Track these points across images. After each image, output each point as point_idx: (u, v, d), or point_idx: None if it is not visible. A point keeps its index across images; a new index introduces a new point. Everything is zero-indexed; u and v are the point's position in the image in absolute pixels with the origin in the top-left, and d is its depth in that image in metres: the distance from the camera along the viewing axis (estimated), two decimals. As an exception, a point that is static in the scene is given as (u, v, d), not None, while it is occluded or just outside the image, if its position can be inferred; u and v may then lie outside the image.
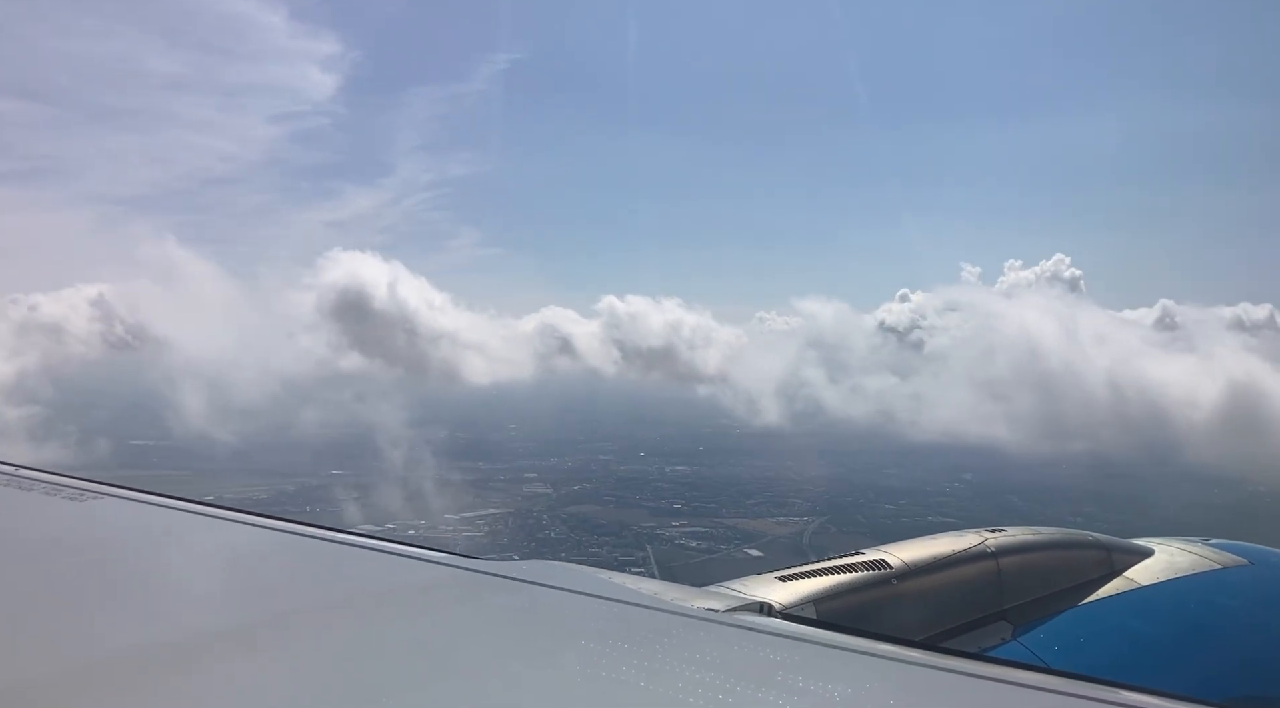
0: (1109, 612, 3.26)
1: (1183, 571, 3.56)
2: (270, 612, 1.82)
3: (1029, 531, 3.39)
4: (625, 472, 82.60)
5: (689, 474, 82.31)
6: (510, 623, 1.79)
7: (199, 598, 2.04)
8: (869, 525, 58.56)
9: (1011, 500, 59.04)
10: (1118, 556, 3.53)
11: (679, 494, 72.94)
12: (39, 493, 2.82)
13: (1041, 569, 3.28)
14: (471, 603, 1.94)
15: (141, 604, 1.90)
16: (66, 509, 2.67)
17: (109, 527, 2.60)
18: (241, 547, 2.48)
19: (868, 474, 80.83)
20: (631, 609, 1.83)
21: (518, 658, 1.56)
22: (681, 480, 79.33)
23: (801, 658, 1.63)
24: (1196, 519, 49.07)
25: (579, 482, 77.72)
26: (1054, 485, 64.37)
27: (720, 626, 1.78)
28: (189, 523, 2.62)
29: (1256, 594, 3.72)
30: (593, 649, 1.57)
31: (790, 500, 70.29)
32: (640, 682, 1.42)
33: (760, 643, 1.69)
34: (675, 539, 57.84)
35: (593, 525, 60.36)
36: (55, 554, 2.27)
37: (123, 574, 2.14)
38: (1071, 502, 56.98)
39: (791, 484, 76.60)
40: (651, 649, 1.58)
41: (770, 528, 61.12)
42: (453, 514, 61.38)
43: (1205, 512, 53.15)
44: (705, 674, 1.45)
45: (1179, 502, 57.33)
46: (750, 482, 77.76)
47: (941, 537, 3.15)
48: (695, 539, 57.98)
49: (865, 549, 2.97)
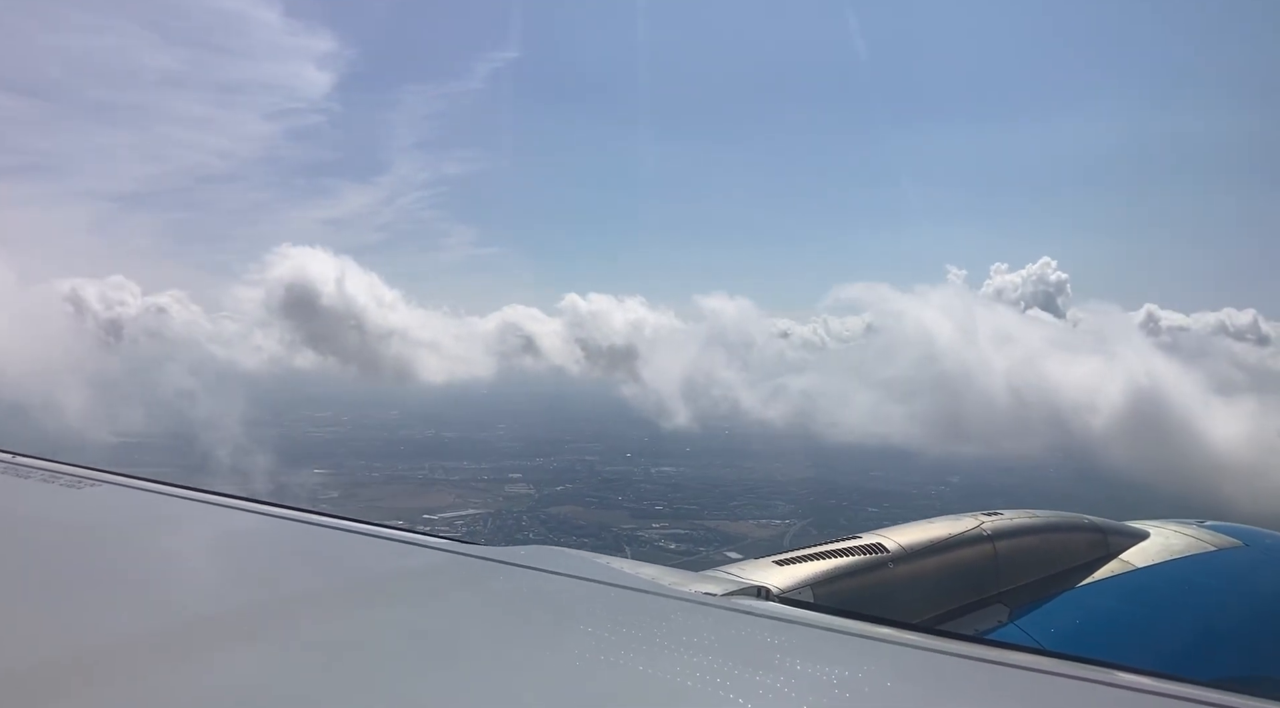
0: (1105, 594, 3.28)
1: (1178, 553, 3.58)
2: (268, 598, 1.82)
3: (1025, 514, 3.39)
4: (610, 472, 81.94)
5: (674, 475, 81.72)
6: (508, 608, 1.80)
7: (199, 585, 2.04)
8: (851, 529, 57.82)
9: (996, 503, 58.53)
10: (1113, 538, 3.53)
11: (662, 496, 72.30)
12: (36, 480, 2.79)
13: (1038, 552, 3.27)
14: (469, 588, 1.93)
15: (141, 591, 1.89)
16: (64, 496, 2.65)
17: (107, 514, 2.58)
18: (240, 534, 2.48)
19: (854, 476, 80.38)
20: (629, 594, 1.84)
21: (516, 643, 1.57)
22: (666, 481, 78.73)
23: (799, 641, 1.63)
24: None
25: (563, 482, 77.00)
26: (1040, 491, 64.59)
27: (718, 609, 1.78)
28: (188, 510, 2.60)
29: (1251, 576, 3.75)
30: (591, 634, 1.57)
31: (773, 502, 69.70)
32: (638, 666, 1.44)
33: (758, 627, 1.69)
34: (655, 541, 57.29)
35: (572, 527, 59.58)
36: (54, 542, 2.26)
37: (122, 562, 2.13)
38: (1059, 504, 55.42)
39: (777, 486, 76.05)
40: (649, 634, 1.59)
41: (752, 530, 60.57)
42: (431, 515, 60.55)
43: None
44: (703, 658, 1.46)
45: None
46: (735, 484, 77.14)
47: (938, 520, 3.16)
48: (675, 541, 57.47)
49: (862, 533, 2.96)
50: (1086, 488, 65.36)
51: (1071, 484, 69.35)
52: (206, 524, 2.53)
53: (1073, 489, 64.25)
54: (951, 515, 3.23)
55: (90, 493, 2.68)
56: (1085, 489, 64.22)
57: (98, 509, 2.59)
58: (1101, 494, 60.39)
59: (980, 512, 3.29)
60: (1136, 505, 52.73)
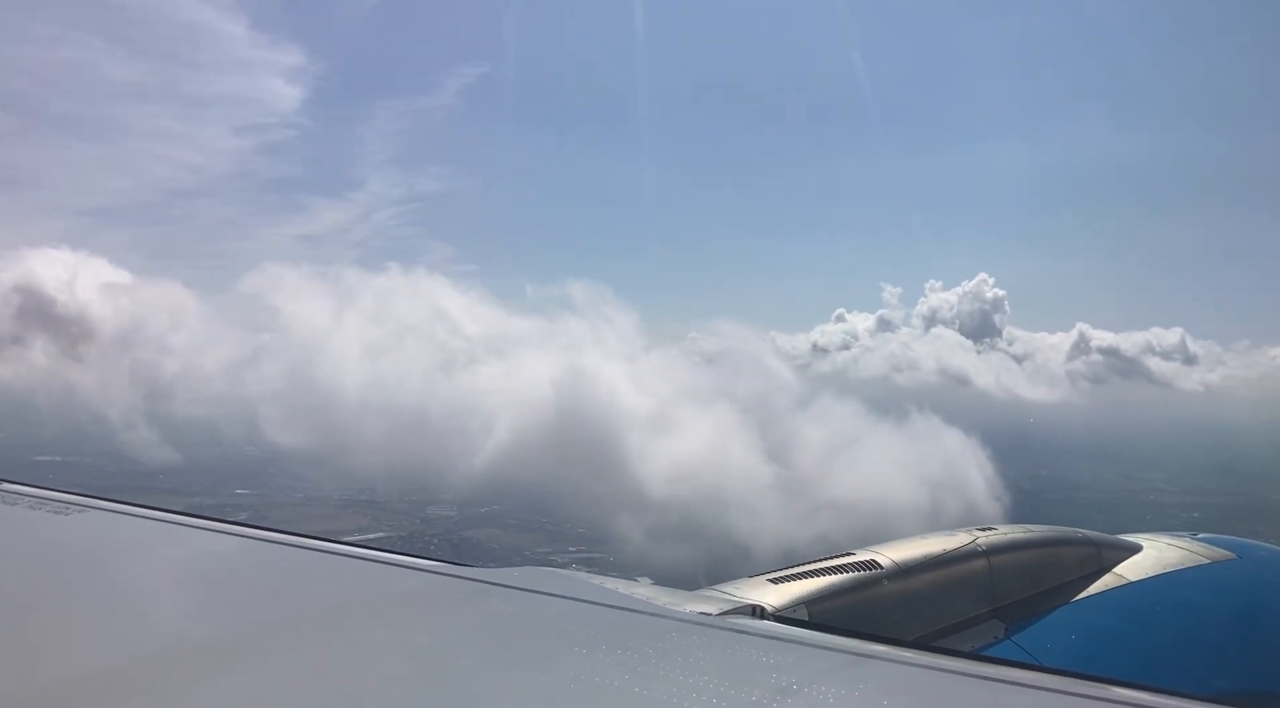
0: (1100, 608, 3.30)
1: (1172, 566, 3.59)
2: (260, 623, 1.82)
3: (1019, 529, 3.42)
4: (547, 492, 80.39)
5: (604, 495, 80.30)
6: (503, 630, 1.81)
7: (189, 610, 2.03)
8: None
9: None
10: (1107, 552, 3.55)
11: (586, 518, 71.01)
12: (23, 507, 2.75)
13: (1032, 567, 3.29)
14: (464, 610, 1.93)
15: (132, 617, 1.90)
16: (52, 523, 2.62)
17: (96, 541, 2.56)
18: (231, 558, 2.46)
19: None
20: (624, 614, 1.85)
21: (511, 665, 1.58)
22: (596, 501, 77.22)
23: (794, 660, 1.64)
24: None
25: (489, 504, 75.44)
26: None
27: (713, 629, 1.79)
28: (178, 536, 2.60)
29: (1245, 588, 3.76)
30: (586, 655, 1.59)
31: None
32: (634, 687, 1.44)
33: (753, 646, 1.70)
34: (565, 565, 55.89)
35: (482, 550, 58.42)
36: (41, 569, 2.24)
37: (111, 588, 2.13)
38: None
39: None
40: (645, 654, 1.60)
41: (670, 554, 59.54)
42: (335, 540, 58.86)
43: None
44: (699, 678, 1.47)
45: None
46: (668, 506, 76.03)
47: (932, 536, 3.17)
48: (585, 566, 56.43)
49: (856, 550, 2.97)
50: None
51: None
52: (196, 550, 2.52)
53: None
54: (946, 531, 3.25)
55: (78, 520, 2.65)
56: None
57: (86, 536, 2.57)
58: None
59: (974, 527, 3.30)
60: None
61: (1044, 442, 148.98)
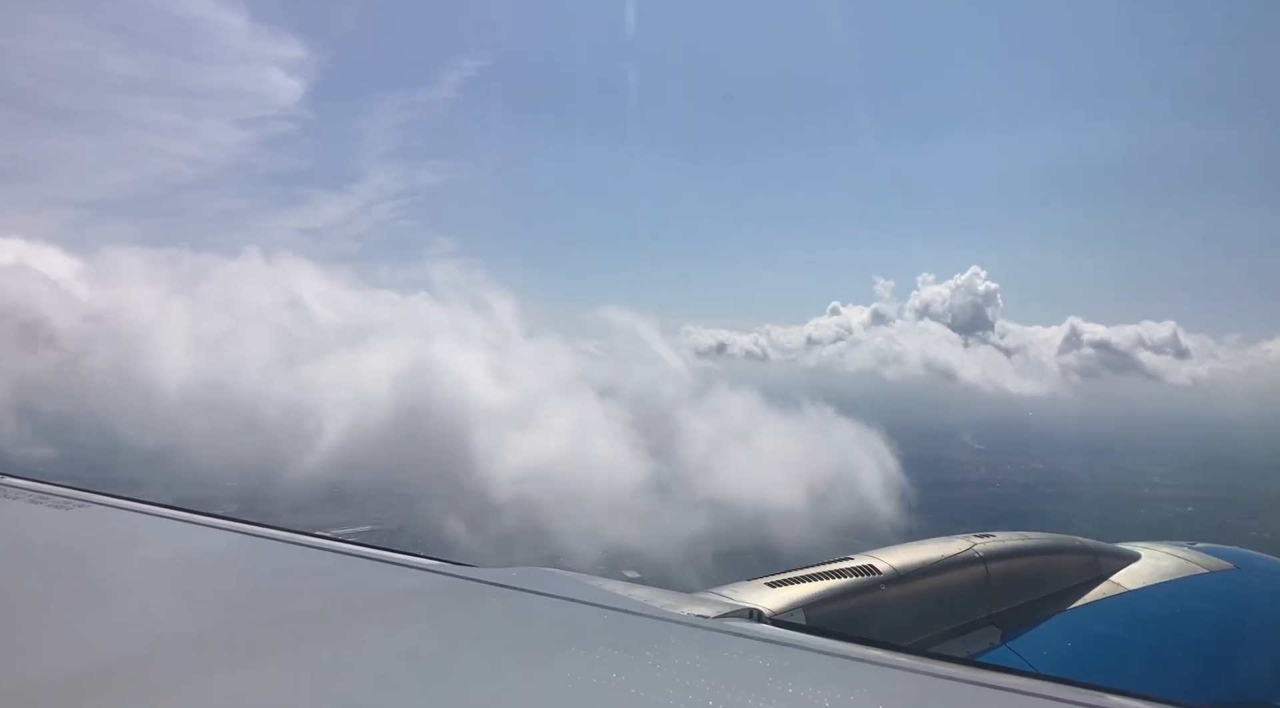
0: (1097, 616, 3.30)
1: (1169, 575, 3.59)
2: (258, 620, 1.81)
3: (1017, 535, 3.42)
4: (385, 493, 75.22)
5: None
6: (500, 630, 1.81)
7: (188, 606, 2.02)
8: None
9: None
10: (1105, 560, 3.56)
11: (410, 522, 67.38)
12: (24, 501, 2.75)
13: (1029, 574, 3.29)
14: (461, 610, 1.93)
15: (131, 612, 1.89)
16: (52, 517, 2.61)
17: (96, 535, 2.55)
18: (230, 555, 2.43)
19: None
20: (621, 616, 1.84)
21: (508, 665, 1.59)
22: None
23: (791, 664, 1.64)
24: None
25: (315, 511, 71.25)
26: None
27: (710, 632, 1.79)
28: (178, 531, 2.57)
29: (1242, 598, 3.76)
30: (583, 656, 1.59)
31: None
32: (630, 689, 1.44)
33: (750, 649, 1.71)
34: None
35: (463, 545, 57.59)
36: (42, 563, 2.23)
37: (111, 583, 2.12)
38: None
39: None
40: (641, 656, 1.61)
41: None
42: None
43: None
44: (695, 681, 1.47)
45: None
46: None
47: (929, 542, 3.18)
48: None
49: (854, 555, 2.97)
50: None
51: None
52: (196, 545, 2.49)
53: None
54: (943, 537, 3.24)
55: (79, 514, 2.61)
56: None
57: (86, 530, 2.54)
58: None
59: (973, 534, 3.30)
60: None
61: (1036, 436, 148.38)
